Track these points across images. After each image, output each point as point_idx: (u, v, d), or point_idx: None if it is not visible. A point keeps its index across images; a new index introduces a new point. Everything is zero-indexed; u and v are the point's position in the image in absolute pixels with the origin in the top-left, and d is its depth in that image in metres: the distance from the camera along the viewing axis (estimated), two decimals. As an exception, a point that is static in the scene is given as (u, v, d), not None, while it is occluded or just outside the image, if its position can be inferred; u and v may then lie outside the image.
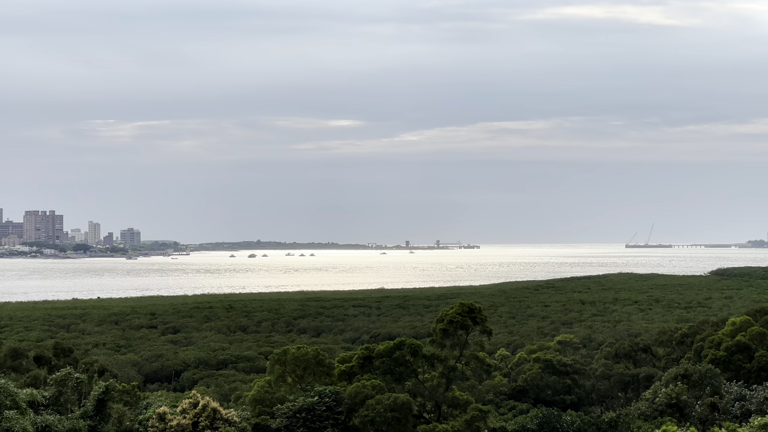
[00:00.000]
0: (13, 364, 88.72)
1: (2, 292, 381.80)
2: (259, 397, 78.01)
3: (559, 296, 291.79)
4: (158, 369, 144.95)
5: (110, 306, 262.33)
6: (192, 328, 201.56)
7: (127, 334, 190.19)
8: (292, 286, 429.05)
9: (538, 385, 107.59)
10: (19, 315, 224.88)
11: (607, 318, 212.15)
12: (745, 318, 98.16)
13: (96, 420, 63.88)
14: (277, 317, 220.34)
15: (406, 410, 72.20)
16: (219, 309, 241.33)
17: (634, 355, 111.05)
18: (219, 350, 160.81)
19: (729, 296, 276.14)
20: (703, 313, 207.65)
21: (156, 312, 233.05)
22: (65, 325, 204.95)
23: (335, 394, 73.80)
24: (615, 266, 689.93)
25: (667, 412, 75.93)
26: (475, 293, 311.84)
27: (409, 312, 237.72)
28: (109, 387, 64.75)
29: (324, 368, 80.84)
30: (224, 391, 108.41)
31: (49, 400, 63.88)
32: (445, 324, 78.47)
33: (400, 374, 77.47)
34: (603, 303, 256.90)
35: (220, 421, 65.80)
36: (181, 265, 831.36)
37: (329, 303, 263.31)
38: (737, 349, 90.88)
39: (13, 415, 56.11)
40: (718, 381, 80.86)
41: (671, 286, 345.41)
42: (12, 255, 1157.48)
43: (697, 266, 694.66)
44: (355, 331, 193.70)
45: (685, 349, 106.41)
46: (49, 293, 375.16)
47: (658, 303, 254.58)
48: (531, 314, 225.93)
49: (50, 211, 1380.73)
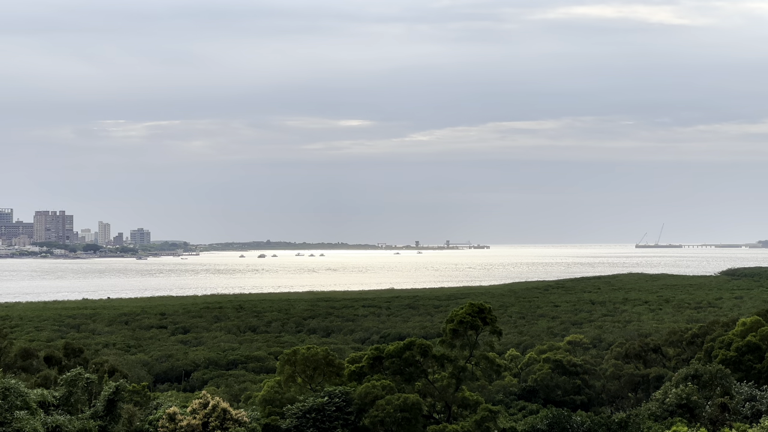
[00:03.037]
0: (24, 364, 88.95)
1: (13, 293, 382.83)
2: (269, 398, 78.05)
3: (569, 296, 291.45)
4: (168, 369, 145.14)
5: (120, 306, 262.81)
6: (202, 328, 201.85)
7: (137, 334, 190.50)
8: (302, 286, 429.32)
9: (548, 386, 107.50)
10: (29, 315, 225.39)
11: (617, 318, 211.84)
12: (756, 318, 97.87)
13: (106, 420, 63.95)
14: (287, 317, 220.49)
15: (416, 410, 72.18)
16: (229, 309, 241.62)
17: (644, 356, 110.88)
18: (229, 350, 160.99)
19: (739, 296, 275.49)
20: (714, 314, 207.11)
21: (166, 312, 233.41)
22: (75, 325, 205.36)
23: (345, 395, 73.79)
24: (625, 266, 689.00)
25: (677, 413, 75.77)
26: (485, 293, 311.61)
27: (418, 312, 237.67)
28: (119, 387, 64.80)
29: (334, 368, 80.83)
30: (234, 392, 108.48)
31: (59, 400, 63.96)
32: (455, 324, 78.42)
33: (410, 374, 77.44)
34: (613, 303, 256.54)
35: (230, 421, 65.84)
36: (191, 266, 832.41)
37: (339, 303, 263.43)
38: (748, 349, 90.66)
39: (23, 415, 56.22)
40: (728, 381, 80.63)
41: (681, 286, 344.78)
42: (22, 255, 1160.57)
43: (708, 266, 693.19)
44: (364, 332, 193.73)
45: (695, 350, 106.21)
46: (59, 293, 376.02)
47: (668, 303, 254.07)
48: (541, 314, 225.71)
49: (60, 212, 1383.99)
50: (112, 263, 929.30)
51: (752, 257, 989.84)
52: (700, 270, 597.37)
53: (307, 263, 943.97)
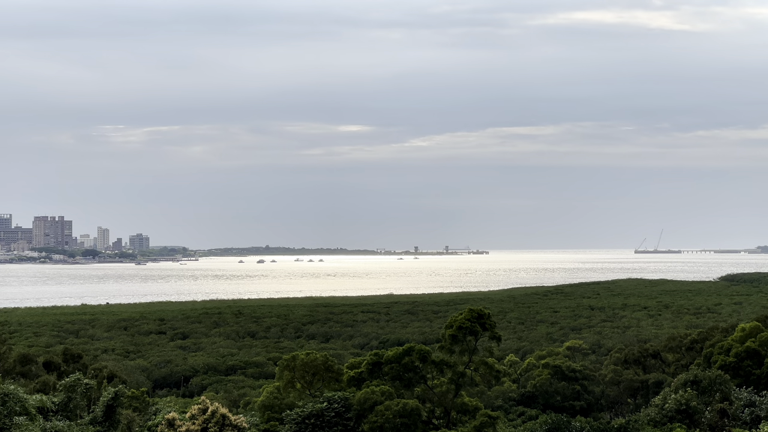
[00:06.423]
0: (23, 369, 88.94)
1: (12, 298, 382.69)
2: (268, 403, 78.07)
3: (569, 302, 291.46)
4: (167, 375, 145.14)
5: (119, 312, 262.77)
6: (201, 333, 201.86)
7: (136, 339, 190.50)
8: (301, 291, 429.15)
9: (547, 391, 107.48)
10: (28, 321, 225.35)
11: (616, 324, 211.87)
12: (755, 324, 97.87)
13: (105, 426, 63.91)
14: (286, 323, 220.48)
15: (415, 416, 72.17)
16: (228, 315, 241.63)
17: (644, 361, 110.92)
18: (228, 356, 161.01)
19: (738, 302, 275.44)
20: (713, 319, 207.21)
21: (165, 318, 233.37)
22: (74, 330, 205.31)
23: (344, 400, 73.78)
24: (624, 272, 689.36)
25: (676, 419, 75.75)
26: (484, 299, 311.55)
27: (418, 318, 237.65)
28: (118, 393, 64.75)
29: (333, 374, 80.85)
30: (233, 397, 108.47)
31: (58, 406, 63.93)
32: (454, 330, 78.44)
33: (409, 380, 77.44)
34: (612, 309, 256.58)
35: (229, 427, 65.78)
36: (190, 271, 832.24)
37: (338, 309, 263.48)
38: (747, 355, 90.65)
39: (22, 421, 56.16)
40: (727, 387, 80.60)
41: (680, 291, 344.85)
42: (21, 260, 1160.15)
43: (707, 272, 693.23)
44: (364, 337, 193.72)
45: (694, 355, 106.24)
46: (58, 299, 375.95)
47: (667, 309, 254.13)
48: (540, 320, 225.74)
49: (59, 217, 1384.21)
50: (111, 269, 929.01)
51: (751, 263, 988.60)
52: (700, 275, 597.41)
53: (306, 269, 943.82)
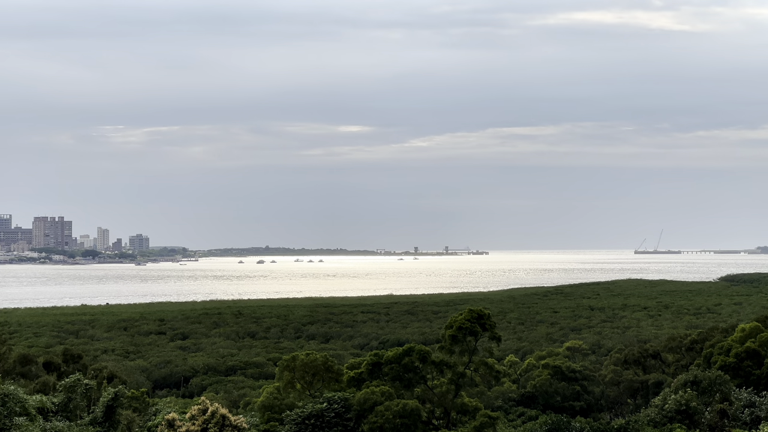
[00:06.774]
0: (23, 370, 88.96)
1: (11, 298, 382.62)
2: (268, 404, 78.06)
3: (568, 302, 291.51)
4: (167, 375, 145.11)
5: (119, 312, 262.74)
6: (201, 334, 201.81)
7: (135, 340, 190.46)
8: (301, 292, 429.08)
9: (547, 392, 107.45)
10: (28, 321, 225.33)
11: (616, 324, 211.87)
12: (755, 324, 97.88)
13: (105, 426, 63.94)
14: (286, 323, 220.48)
15: (415, 417, 72.16)
16: (228, 315, 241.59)
17: (644, 362, 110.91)
18: (228, 356, 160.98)
19: (738, 302, 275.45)
20: (713, 320, 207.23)
21: (165, 318, 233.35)
22: (74, 331, 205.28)
23: (344, 401, 73.77)
24: (624, 272, 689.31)
25: (676, 419, 75.74)
26: (484, 299, 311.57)
27: (417, 318, 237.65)
28: (118, 393, 64.79)
29: (333, 374, 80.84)
30: (233, 398, 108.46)
31: (58, 406, 63.97)
32: (454, 330, 78.44)
33: (409, 380, 77.43)
34: (612, 309, 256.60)
35: (229, 427, 65.76)
36: (190, 271, 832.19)
37: (338, 309, 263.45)
38: (747, 355, 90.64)
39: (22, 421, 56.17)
40: (727, 387, 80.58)
41: (680, 292, 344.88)
42: (21, 261, 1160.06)
43: (707, 272, 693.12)
44: (364, 338, 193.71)
45: (694, 356, 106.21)
46: (58, 299, 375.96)
47: (667, 309, 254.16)
48: (540, 320, 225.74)
49: (59, 217, 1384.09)
50: (111, 269, 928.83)
51: (751, 263, 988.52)
52: (700, 276, 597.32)
53: (306, 269, 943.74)
